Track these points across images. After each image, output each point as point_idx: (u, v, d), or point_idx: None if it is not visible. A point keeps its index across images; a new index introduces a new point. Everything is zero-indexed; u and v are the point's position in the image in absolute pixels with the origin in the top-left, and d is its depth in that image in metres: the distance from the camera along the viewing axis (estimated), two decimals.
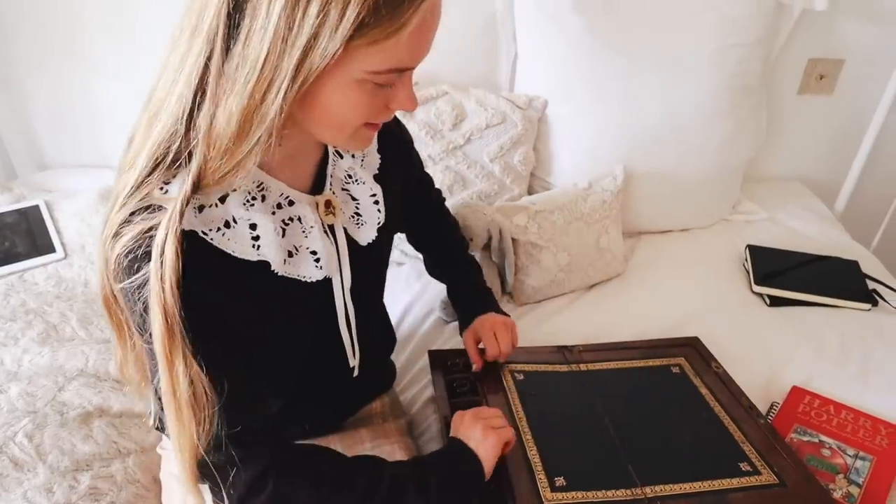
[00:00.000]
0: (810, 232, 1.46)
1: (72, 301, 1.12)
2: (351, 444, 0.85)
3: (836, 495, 0.81)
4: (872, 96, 1.53)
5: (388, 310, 0.93)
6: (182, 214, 0.55)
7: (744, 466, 0.79)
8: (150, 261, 0.54)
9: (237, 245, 0.61)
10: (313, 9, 0.50)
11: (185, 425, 0.57)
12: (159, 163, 0.56)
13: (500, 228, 1.18)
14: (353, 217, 0.74)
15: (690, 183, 1.41)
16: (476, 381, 0.93)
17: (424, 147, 1.26)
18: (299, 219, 0.67)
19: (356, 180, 0.74)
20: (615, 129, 1.35)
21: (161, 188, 0.57)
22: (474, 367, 0.94)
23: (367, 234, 0.75)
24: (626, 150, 1.36)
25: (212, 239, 0.59)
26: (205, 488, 0.64)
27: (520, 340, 1.04)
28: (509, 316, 0.98)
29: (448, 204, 1.26)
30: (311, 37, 0.51)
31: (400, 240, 1.31)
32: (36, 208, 1.38)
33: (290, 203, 0.66)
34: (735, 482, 0.77)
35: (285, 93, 0.53)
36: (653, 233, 1.46)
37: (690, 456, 0.81)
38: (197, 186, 0.56)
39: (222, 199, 0.60)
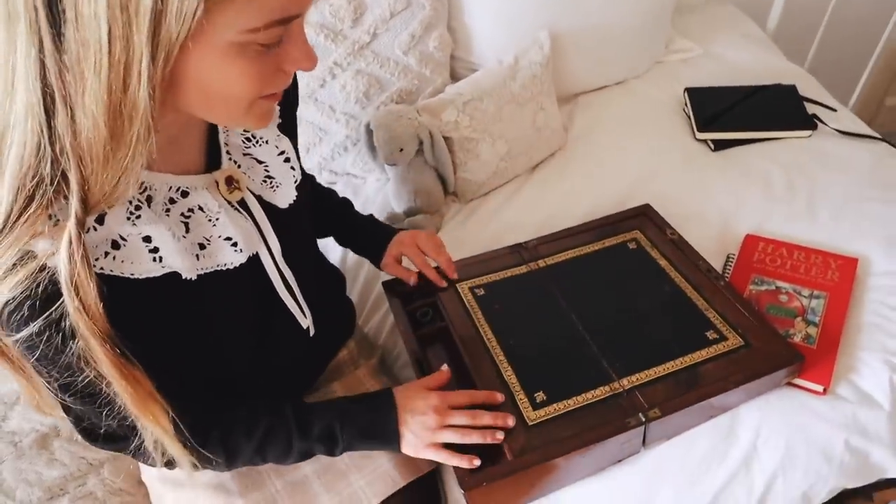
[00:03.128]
0: (746, 60, 1.41)
1: None
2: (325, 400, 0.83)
3: (797, 339, 0.85)
4: None
5: (327, 245, 0.87)
6: (80, 238, 0.46)
7: (710, 335, 0.81)
8: (45, 312, 0.48)
9: (134, 265, 0.53)
10: None
11: (157, 416, 0.55)
12: (31, 194, 0.46)
13: (429, 131, 1.09)
14: (265, 181, 0.66)
15: (619, 31, 1.32)
16: (439, 307, 0.90)
17: (326, 53, 1.12)
18: (199, 208, 0.58)
19: (257, 141, 0.65)
20: None
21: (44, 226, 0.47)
22: (411, 281, 0.90)
23: (285, 196, 0.67)
24: (546, 10, 1.24)
25: (101, 268, 0.51)
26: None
27: (473, 246, 1.02)
28: None
29: (367, 112, 1.17)
30: (154, 8, 0.40)
31: (325, 160, 1.22)
32: None
33: (184, 195, 0.58)
34: (704, 353, 0.79)
35: (149, 76, 0.43)
36: (588, 92, 1.39)
37: (659, 338, 0.82)
38: (86, 206, 0.47)
39: (99, 220, 0.51)
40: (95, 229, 0.51)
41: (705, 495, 0.79)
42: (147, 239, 0.54)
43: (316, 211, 0.88)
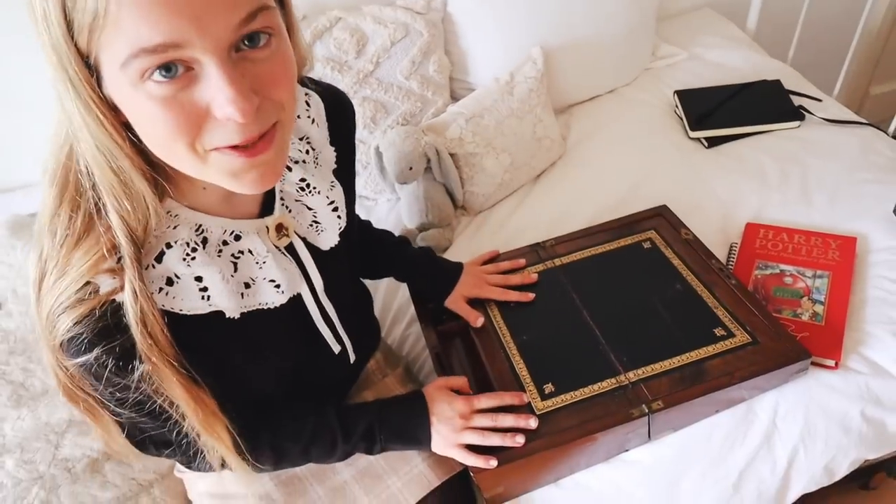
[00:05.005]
0: (730, 60, 1.47)
1: (28, 352, 1.06)
2: None
3: (805, 318, 0.89)
4: None
5: None
6: (140, 275, 0.51)
7: (718, 332, 0.83)
8: (106, 341, 0.52)
9: (184, 301, 0.58)
10: (38, 14, 0.44)
11: (220, 433, 0.60)
12: (80, 220, 0.51)
13: (436, 149, 1.15)
14: (311, 225, 0.69)
15: (607, 43, 1.37)
16: None
17: (334, 83, 1.17)
18: (249, 251, 0.62)
19: (311, 191, 0.67)
20: (521, 9, 1.28)
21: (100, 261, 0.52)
22: (478, 323, 0.91)
23: (328, 240, 0.70)
24: (536, 28, 1.30)
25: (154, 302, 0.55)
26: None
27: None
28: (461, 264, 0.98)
29: (375, 135, 1.22)
30: (53, 44, 0.45)
31: None
32: None
33: (237, 238, 0.61)
34: (711, 349, 0.81)
35: (96, 121, 0.46)
36: (582, 102, 1.45)
37: (668, 333, 0.85)
38: (133, 241, 0.51)
39: (158, 259, 0.56)
40: (154, 267, 0.55)
41: (730, 475, 0.82)
42: (199, 279, 0.58)
43: (372, 254, 0.92)
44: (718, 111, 1.28)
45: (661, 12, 1.55)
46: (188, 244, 0.57)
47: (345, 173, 0.73)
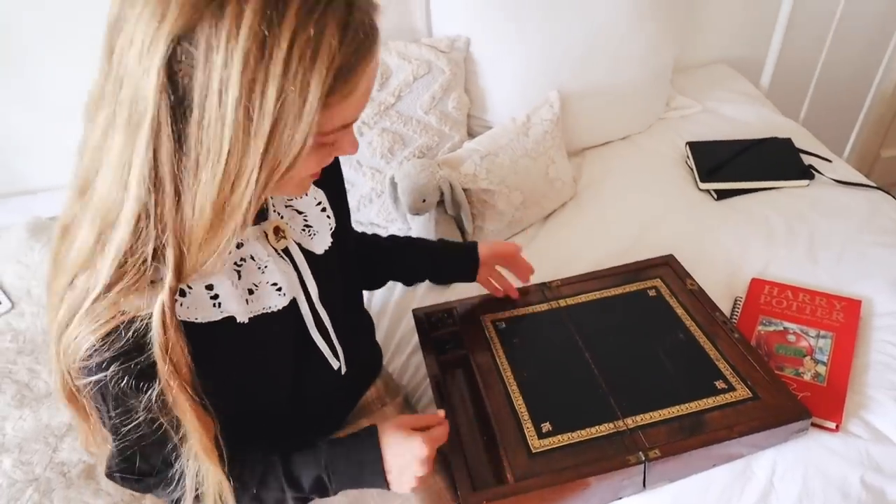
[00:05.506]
0: (743, 115, 1.50)
1: (35, 353, 1.07)
2: None
3: (807, 377, 0.89)
4: None
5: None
6: (173, 306, 0.53)
7: (719, 385, 0.83)
8: (125, 361, 0.54)
9: (198, 311, 0.60)
10: (270, 94, 0.46)
11: (213, 460, 0.61)
12: (129, 267, 0.52)
13: (450, 183, 1.17)
14: (304, 230, 0.72)
15: (623, 91, 1.41)
16: (461, 336, 0.96)
17: None
18: (251, 257, 0.65)
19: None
20: (541, 54, 1.32)
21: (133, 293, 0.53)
22: (513, 296, 0.99)
23: (322, 242, 0.74)
24: (555, 73, 1.34)
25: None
26: None
27: None
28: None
29: (391, 166, 1.25)
30: (272, 126, 0.47)
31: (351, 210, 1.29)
32: None
33: (238, 246, 0.64)
34: (711, 401, 0.81)
35: (255, 185, 0.49)
36: (595, 147, 1.47)
37: (668, 381, 0.85)
38: (180, 278, 0.53)
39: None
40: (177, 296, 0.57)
41: None
42: (209, 287, 0.60)
43: (372, 261, 0.95)
44: (729, 165, 1.30)
45: (677, 64, 1.58)
46: None
47: (331, 179, 0.77)
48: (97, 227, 0.52)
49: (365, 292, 1.15)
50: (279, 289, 0.67)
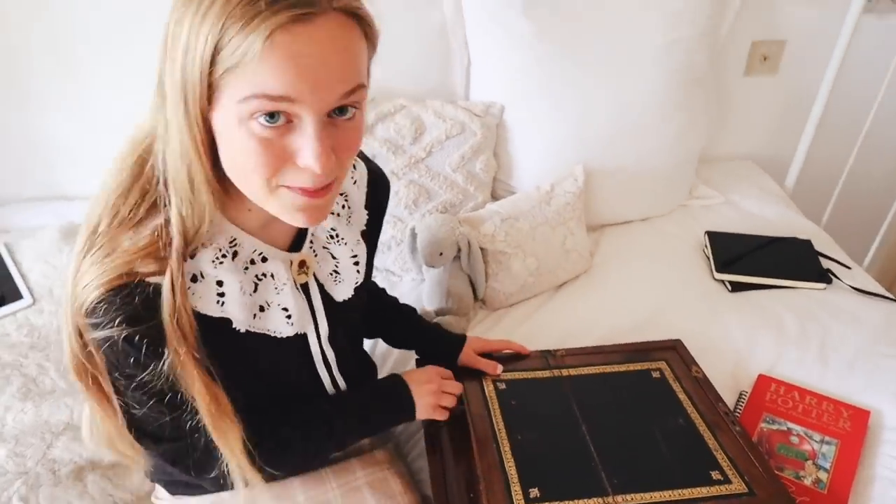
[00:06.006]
0: (764, 212, 1.51)
1: (46, 350, 1.09)
2: (345, 477, 0.86)
3: (807, 482, 0.86)
4: (815, 75, 1.58)
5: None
6: (182, 269, 0.57)
7: (715, 475, 0.81)
8: (133, 322, 0.56)
9: (201, 300, 0.62)
10: (181, 39, 0.51)
11: (228, 434, 0.62)
12: (146, 216, 0.59)
13: (468, 241, 1.20)
14: (331, 274, 0.75)
15: (648, 174, 1.44)
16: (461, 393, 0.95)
17: (387, 163, 1.26)
18: (272, 275, 0.67)
19: (338, 241, 0.74)
20: (571, 129, 1.37)
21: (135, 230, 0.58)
22: (498, 371, 0.98)
23: (343, 292, 0.76)
24: (583, 149, 1.38)
25: None
26: None
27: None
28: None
29: (413, 217, 1.29)
30: (182, 69, 0.52)
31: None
32: None
33: (264, 260, 0.67)
34: (705, 491, 0.79)
35: (191, 137, 0.54)
36: (615, 224, 1.50)
37: (663, 464, 0.83)
38: (185, 239, 0.57)
39: (192, 254, 0.61)
40: (185, 261, 0.60)
41: None
42: (219, 283, 0.63)
43: (381, 316, 0.99)
44: (746, 258, 1.31)
45: (704, 156, 1.62)
46: (220, 250, 0.63)
47: (370, 238, 0.81)
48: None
49: (368, 342, 1.17)
50: (289, 316, 0.69)
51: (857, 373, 1.07)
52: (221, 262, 0.63)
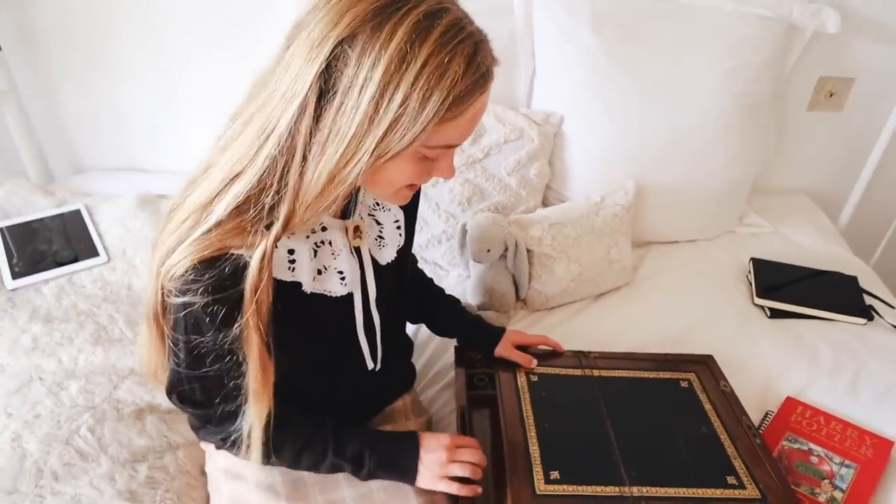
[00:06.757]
0: (813, 246, 1.52)
1: (117, 304, 1.21)
2: None
3: (821, 499, 0.89)
4: (880, 114, 1.58)
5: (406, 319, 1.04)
6: (272, 253, 0.64)
7: (730, 480, 0.85)
8: (215, 292, 0.64)
9: (276, 267, 0.70)
10: (398, 97, 0.57)
11: (263, 402, 0.70)
12: (242, 212, 0.64)
13: (515, 241, 1.25)
14: (377, 239, 0.83)
15: (699, 196, 1.47)
16: (494, 377, 1.01)
17: None
18: (330, 242, 0.76)
19: (383, 208, 0.84)
20: (627, 145, 1.41)
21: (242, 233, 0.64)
22: (532, 364, 1.03)
23: (387, 255, 0.85)
24: (637, 165, 1.42)
25: None
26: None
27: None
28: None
29: (466, 214, 1.35)
30: (392, 122, 0.58)
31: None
32: (77, 213, 1.47)
33: (324, 229, 0.76)
34: (719, 493, 0.83)
35: (364, 164, 0.61)
36: (661, 243, 1.53)
37: (681, 464, 0.87)
38: (285, 229, 0.64)
39: (267, 227, 0.68)
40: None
41: None
42: (291, 251, 0.72)
43: (419, 299, 1.04)
44: (789, 287, 1.32)
45: (758, 186, 1.63)
46: None
47: (412, 205, 0.89)
48: (224, 175, 0.64)
49: (413, 325, 1.24)
50: (343, 278, 0.77)
51: (887, 407, 1.07)
52: (292, 233, 0.72)
